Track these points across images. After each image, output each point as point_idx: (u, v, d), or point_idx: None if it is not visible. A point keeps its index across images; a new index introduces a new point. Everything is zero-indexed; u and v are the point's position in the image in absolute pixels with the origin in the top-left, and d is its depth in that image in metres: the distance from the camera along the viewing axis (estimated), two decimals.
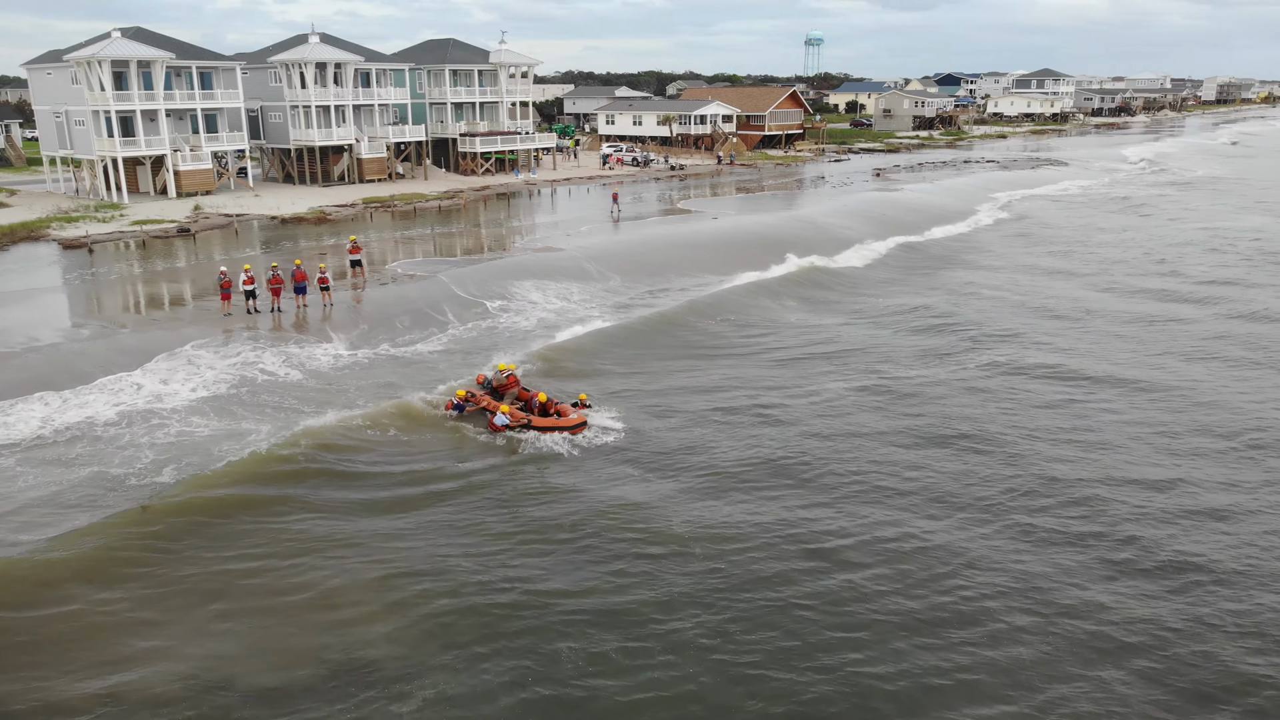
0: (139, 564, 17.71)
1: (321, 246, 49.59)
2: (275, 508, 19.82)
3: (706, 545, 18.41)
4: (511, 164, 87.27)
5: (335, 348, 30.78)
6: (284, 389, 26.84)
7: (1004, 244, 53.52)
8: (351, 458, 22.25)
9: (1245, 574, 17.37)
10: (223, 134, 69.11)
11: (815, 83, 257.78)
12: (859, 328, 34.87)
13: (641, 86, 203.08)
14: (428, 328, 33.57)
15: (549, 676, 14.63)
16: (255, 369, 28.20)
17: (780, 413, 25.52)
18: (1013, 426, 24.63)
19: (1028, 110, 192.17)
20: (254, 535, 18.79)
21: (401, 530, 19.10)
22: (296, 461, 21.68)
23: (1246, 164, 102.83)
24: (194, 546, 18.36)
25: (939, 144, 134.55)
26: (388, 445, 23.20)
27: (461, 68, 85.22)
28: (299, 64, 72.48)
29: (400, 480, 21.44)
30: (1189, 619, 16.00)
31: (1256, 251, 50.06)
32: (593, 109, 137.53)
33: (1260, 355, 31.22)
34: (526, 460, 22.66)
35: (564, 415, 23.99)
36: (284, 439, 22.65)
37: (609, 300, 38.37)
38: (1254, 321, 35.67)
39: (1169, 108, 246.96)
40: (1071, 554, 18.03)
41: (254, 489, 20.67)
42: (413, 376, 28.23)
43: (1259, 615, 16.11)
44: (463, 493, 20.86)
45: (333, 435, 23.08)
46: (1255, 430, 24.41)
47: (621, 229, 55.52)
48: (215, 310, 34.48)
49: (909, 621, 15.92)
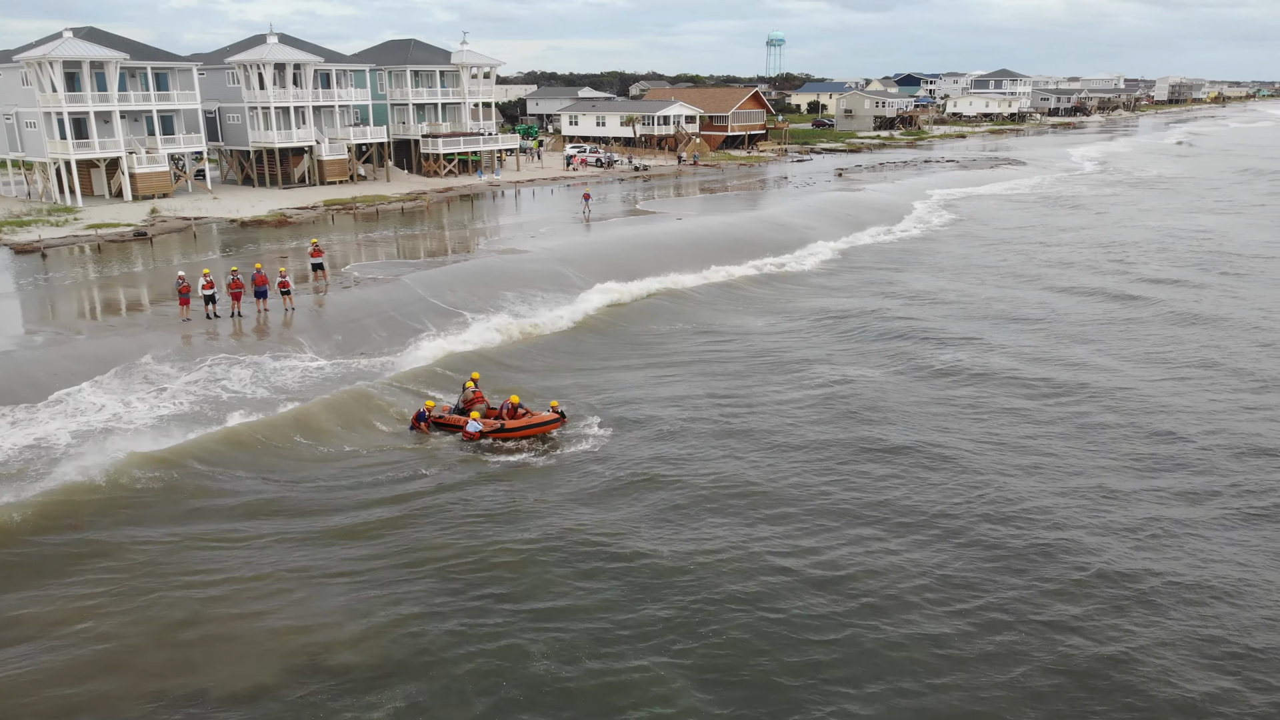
0: (105, 585, 17.39)
1: (282, 249, 48.97)
2: (238, 521, 19.51)
3: (676, 551, 18.32)
4: (475, 165, 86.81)
5: (302, 359, 30.37)
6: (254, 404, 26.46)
7: (960, 243, 54.20)
8: (314, 470, 21.88)
9: (1213, 587, 17.67)
10: (179, 136, 67.98)
11: (777, 83, 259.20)
12: (820, 330, 35.13)
13: (604, 87, 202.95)
14: (394, 333, 33.28)
15: (520, 683, 14.54)
16: (219, 386, 27.45)
17: (747, 419, 25.42)
18: (973, 437, 24.88)
19: (986, 110, 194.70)
20: (217, 548, 18.47)
21: (368, 542, 18.76)
22: (260, 470, 21.42)
23: (1193, 163, 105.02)
24: (154, 555, 18.07)
25: (900, 144, 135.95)
26: (354, 458, 22.82)
27: (423, 68, 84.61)
28: (257, 65, 71.53)
29: (367, 492, 21.03)
30: (1151, 636, 16.30)
31: (1204, 252, 51.17)
32: (556, 110, 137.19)
33: (1204, 356, 31.94)
34: (497, 466, 22.43)
35: (535, 416, 23.80)
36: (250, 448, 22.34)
37: (573, 300, 38.29)
38: (1201, 324, 36.45)
39: (1123, 107, 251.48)
40: (1050, 568, 18.13)
41: (209, 501, 20.39)
42: (383, 386, 27.96)
43: (1214, 630, 16.47)
44: (432, 501, 20.57)
45: (295, 447, 22.80)
46: (1214, 435, 24.97)
47: (588, 230, 55.45)
48: (174, 315, 33.91)
49: (883, 635, 15.90)
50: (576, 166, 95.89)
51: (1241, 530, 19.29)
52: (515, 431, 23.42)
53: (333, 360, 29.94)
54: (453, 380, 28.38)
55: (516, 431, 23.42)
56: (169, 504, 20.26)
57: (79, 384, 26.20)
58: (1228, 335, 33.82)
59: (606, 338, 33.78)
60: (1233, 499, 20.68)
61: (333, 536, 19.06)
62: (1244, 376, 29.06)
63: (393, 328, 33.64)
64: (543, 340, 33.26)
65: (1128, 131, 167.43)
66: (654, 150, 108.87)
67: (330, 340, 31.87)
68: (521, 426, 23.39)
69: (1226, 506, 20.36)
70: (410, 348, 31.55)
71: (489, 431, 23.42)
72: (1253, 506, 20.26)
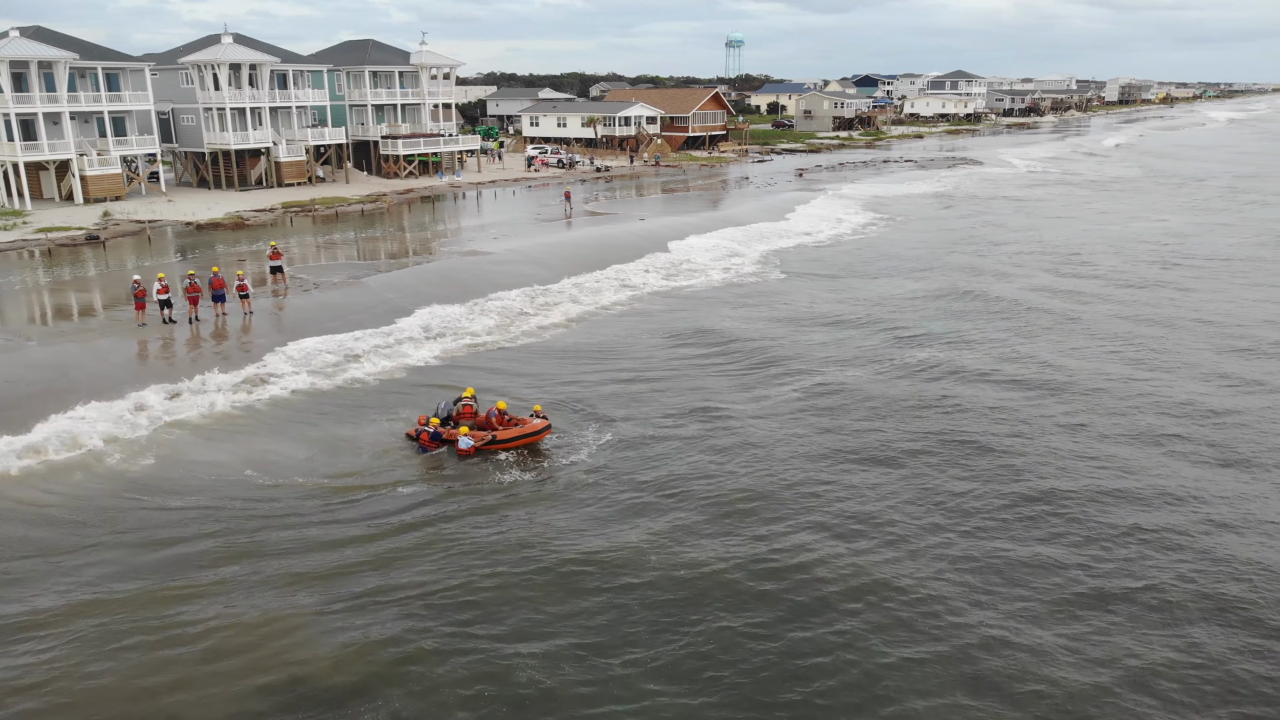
0: (70, 606, 16.93)
1: (240, 253, 48.18)
2: (218, 539, 18.80)
3: (665, 562, 17.86)
4: (435, 166, 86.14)
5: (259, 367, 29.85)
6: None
7: (907, 246, 54.79)
8: (300, 493, 20.87)
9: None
10: (132, 137, 66.62)
11: (737, 84, 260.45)
12: (800, 328, 35.29)
13: (565, 88, 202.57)
14: (356, 334, 32.82)
15: (505, 697, 14.21)
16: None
17: (732, 424, 24.84)
18: (953, 440, 25.15)
19: (943, 111, 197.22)
20: (195, 567, 17.90)
21: (352, 561, 17.93)
22: (240, 488, 20.91)
23: (1134, 166, 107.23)
24: (128, 575, 17.64)
25: (859, 144, 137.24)
26: (338, 476, 21.65)
27: (382, 69, 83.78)
28: (212, 65, 70.35)
29: (355, 511, 19.95)
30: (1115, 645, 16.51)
31: (1148, 254, 52.26)
32: (516, 111, 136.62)
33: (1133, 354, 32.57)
34: (486, 480, 21.62)
35: (525, 425, 23.23)
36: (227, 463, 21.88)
37: (543, 302, 38.09)
38: (1144, 324, 37.19)
39: (1075, 108, 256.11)
40: (1040, 575, 18.30)
41: (191, 521, 19.97)
42: (352, 395, 27.57)
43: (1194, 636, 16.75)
44: (420, 516, 19.69)
45: (278, 464, 22.07)
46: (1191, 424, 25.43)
47: (552, 231, 55.22)
48: (129, 320, 33.21)
49: (875, 639, 15.83)
50: (538, 168, 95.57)
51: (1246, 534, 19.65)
52: (506, 443, 22.90)
53: (294, 367, 29.43)
54: (421, 384, 28.09)
55: (508, 443, 22.90)
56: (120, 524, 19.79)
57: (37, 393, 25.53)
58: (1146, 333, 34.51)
59: (578, 334, 33.61)
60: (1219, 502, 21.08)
61: (321, 546, 18.50)
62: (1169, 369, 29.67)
63: (357, 331, 33.17)
64: (515, 341, 32.99)
65: (1079, 132, 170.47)
66: (615, 151, 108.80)
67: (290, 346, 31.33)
68: (512, 437, 22.90)
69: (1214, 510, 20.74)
70: (372, 352, 31.12)
71: (481, 445, 22.89)
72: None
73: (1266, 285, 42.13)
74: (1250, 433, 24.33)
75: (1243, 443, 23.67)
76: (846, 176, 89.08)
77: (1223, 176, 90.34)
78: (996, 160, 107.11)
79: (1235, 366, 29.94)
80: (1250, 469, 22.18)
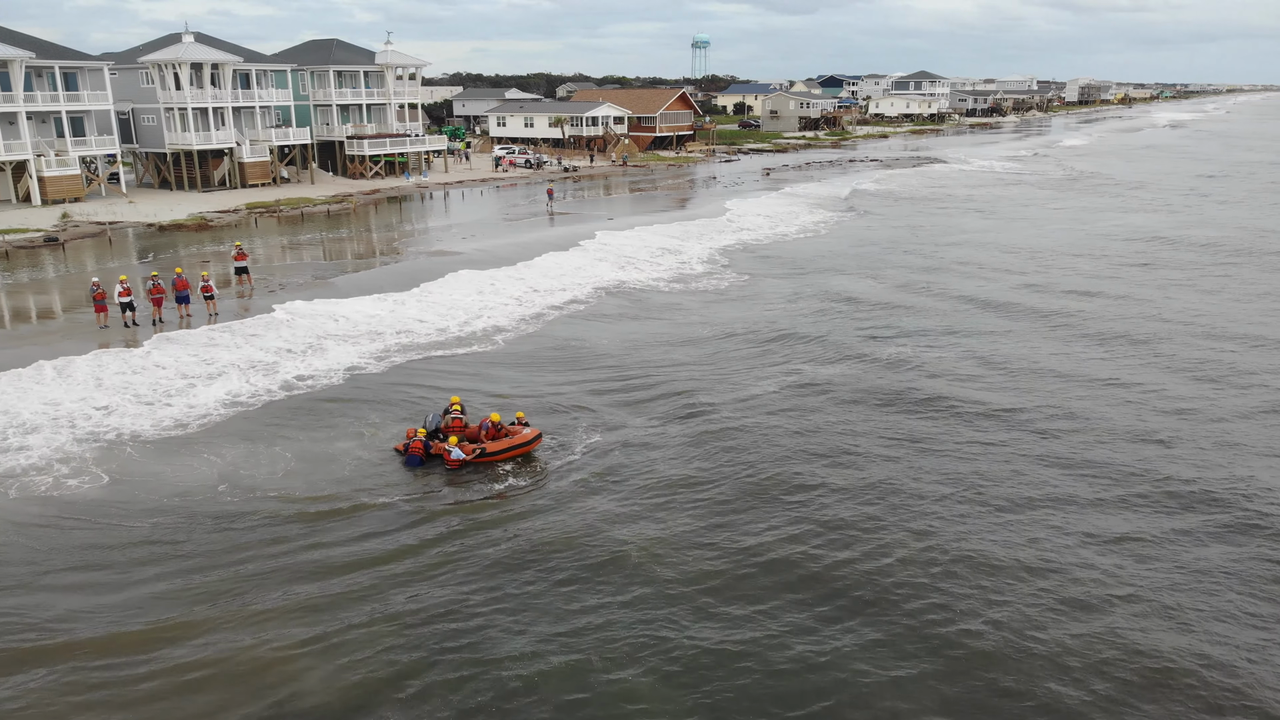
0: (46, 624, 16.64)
1: (203, 254, 47.62)
2: (185, 566, 18.04)
3: (669, 575, 17.46)
4: (402, 167, 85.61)
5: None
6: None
7: (852, 248, 55.36)
8: (279, 514, 19.89)
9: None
10: (91, 138, 65.54)
11: (703, 85, 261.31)
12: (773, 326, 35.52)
13: (531, 88, 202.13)
14: (322, 338, 32.60)
15: (492, 707, 14.02)
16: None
17: (716, 424, 24.60)
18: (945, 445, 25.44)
19: (907, 111, 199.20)
20: (173, 580, 17.42)
21: (339, 592, 16.97)
22: (220, 502, 20.57)
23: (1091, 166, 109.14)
24: (101, 591, 17.39)
25: (825, 144, 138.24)
26: (324, 486, 20.72)
27: (346, 69, 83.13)
28: (173, 64, 69.41)
29: (339, 533, 18.88)
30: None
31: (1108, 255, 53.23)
32: (483, 111, 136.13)
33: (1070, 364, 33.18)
34: (476, 494, 20.84)
35: (515, 435, 22.49)
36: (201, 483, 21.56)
37: (513, 305, 38.03)
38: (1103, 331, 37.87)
39: (1036, 108, 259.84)
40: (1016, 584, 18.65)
41: (172, 531, 19.70)
42: (326, 407, 27.34)
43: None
44: (411, 538, 18.75)
45: (254, 475, 21.38)
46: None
47: (521, 230, 55.13)
48: (90, 323, 32.73)
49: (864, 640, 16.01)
50: (505, 168, 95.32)
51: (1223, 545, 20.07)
52: (496, 455, 22.16)
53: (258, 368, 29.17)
54: (398, 388, 27.94)
55: (498, 455, 22.16)
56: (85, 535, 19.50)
57: None
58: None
59: (548, 335, 33.58)
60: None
61: (303, 560, 17.88)
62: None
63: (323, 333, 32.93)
64: (488, 341, 32.89)
65: (1040, 132, 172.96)
66: (583, 151, 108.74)
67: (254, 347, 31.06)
68: (502, 450, 22.14)
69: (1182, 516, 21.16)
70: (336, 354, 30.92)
71: (471, 459, 22.10)
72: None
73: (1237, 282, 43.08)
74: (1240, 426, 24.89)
75: (1237, 436, 24.21)
76: (813, 176, 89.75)
77: (1175, 176, 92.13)
78: (959, 159, 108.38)
79: (1212, 356, 30.60)
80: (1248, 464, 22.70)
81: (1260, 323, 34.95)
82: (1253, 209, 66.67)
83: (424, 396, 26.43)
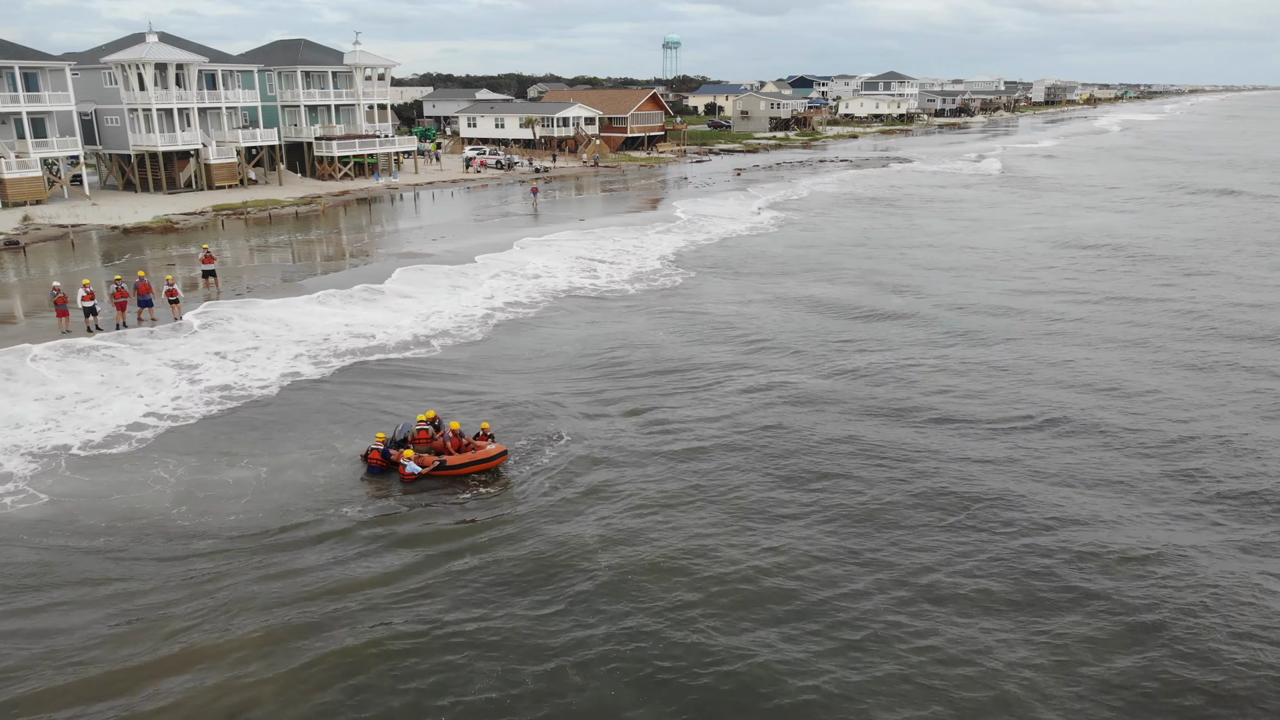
0: None
1: (169, 257, 47.02)
2: (139, 566, 18.16)
3: (618, 566, 17.50)
4: (371, 168, 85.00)
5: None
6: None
7: (790, 251, 55.75)
8: (233, 525, 19.39)
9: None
10: (53, 139, 64.47)
11: (674, 85, 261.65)
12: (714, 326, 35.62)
13: (502, 89, 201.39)
14: (278, 342, 32.30)
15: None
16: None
17: (684, 434, 24.29)
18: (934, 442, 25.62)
19: (877, 111, 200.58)
20: (128, 596, 17.09)
21: (294, 588, 16.79)
22: (167, 518, 20.29)
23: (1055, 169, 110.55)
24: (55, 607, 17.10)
25: (795, 144, 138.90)
26: (277, 506, 19.91)
27: (314, 69, 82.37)
28: (137, 64, 68.43)
29: (298, 551, 18.17)
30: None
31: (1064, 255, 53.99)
32: (454, 112, 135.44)
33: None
34: (439, 510, 19.97)
35: (479, 450, 21.50)
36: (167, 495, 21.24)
37: (479, 308, 37.88)
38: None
39: (1004, 108, 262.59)
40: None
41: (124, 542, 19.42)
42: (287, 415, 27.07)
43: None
44: (368, 554, 18.13)
45: (203, 493, 20.60)
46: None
47: (491, 232, 54.90)
48: (53, 328, 32.21)
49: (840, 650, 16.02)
50: (477, 169, 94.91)
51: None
52: (458, 469, 21.09)
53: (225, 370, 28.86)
54: (361, 399, 27.74)
55: (460, 469, 21.09)
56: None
57: None
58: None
59: (508, 337, 33.48)
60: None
61: (260, 571, 17.51)
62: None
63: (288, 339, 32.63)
64: (455, 344, 32.73)
65: (1008, 132, 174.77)
66: (554, 152, 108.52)
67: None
68: (465, 464, 21.07)
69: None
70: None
71: (429, 470, 21.19)
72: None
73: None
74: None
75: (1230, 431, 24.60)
76: (783, 176, 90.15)
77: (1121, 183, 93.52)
78: (926, 159, 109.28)
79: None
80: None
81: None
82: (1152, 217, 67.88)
83: (378, 405, 25.93)
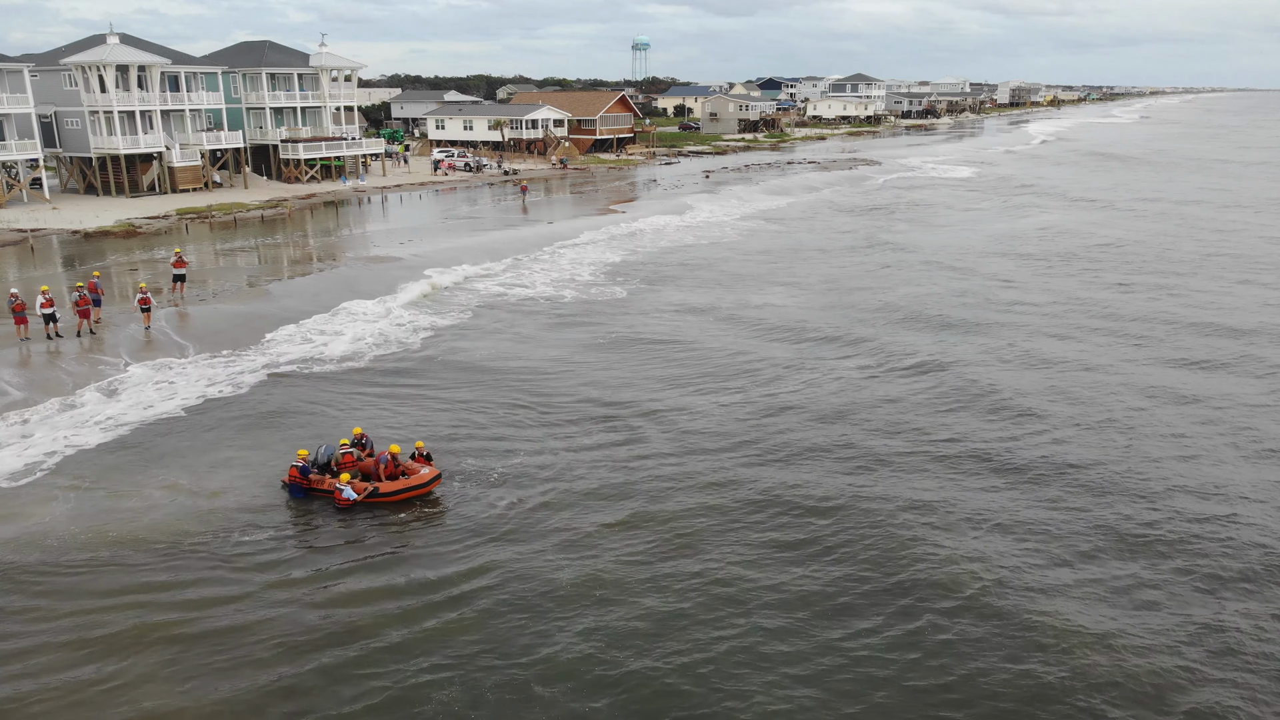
0: None
1: (133, 261, 46.35)
2: (78, 590, 17.23)
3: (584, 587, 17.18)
4: (339, 171, 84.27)
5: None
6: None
7: (752, 257, 56.15)
8: (164, 546, 18.68)
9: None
10: (11, 142, 63.28)
11: (644, 87, 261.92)
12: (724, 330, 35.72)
13: (471, 90, 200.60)
14: (253, 347, 31.98)
15: None
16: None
17: (641, 445, 24.18)
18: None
19: (844, 113, 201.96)
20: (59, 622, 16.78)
21: (205, 622, 16.05)
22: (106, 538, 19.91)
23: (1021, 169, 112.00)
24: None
25: (764, 146, 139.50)
26: (194, 532, 18.99)
27: (280, 71, 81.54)
28: (97, 66, 67.36)
29: (206, 589, 17.06)
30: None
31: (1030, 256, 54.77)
32: (422, 114, 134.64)
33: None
34: (370, 540, 19.10)
35: (412, 474, 20.81)
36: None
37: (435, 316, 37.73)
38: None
39: (969, 110, 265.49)
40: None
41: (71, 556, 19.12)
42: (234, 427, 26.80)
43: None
44: (295, 585, 17.27)
45: (111, 519, 19.49)
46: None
47: (460, 235, 54.66)
48: (10, 335, 31.62)
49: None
50: (445, 171, 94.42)
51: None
52: (391, 496, 20.36)
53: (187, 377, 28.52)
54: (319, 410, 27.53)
55: (392, 496, 20.36)
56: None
57: None
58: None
59: (463, 346, 33.41)
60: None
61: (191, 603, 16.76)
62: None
63: (255, 340, 32.33)
64: (405, 354, 32.56)
65: (973, 134, 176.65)
66: (523, 154, 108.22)
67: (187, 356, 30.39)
68: (398, 490, 20.37)
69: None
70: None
71: (362, 498, 20.33)
72: None
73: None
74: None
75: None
76: (752, 178, 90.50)
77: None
78: (893, 160, 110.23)
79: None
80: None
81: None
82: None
83: (315, 416, 25.44)
